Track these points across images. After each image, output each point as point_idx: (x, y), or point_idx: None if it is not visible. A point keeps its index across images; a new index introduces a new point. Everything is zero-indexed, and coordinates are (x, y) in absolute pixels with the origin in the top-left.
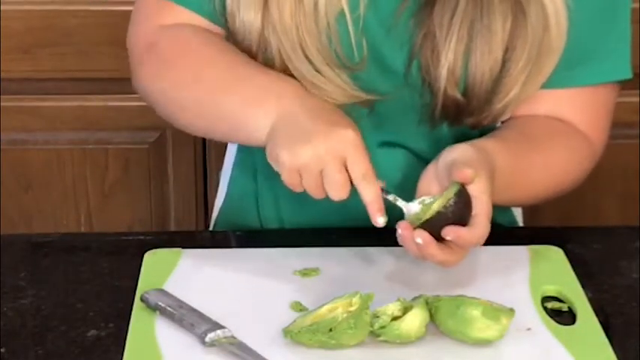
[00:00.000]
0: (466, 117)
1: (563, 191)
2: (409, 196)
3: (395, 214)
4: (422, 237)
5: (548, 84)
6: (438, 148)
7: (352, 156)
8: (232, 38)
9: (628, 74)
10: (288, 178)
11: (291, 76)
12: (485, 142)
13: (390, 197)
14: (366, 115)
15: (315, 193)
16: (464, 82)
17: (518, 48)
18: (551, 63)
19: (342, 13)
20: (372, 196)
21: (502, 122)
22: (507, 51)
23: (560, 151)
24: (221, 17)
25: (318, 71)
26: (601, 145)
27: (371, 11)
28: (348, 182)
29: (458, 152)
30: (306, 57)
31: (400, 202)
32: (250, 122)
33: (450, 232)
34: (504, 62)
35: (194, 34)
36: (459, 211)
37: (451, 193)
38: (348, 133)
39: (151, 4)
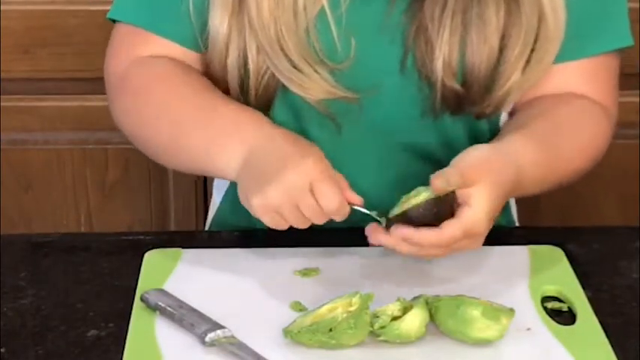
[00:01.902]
0: (467, 106)
1: (593, 164)
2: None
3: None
4: (373, 238)
5: (557, 58)
6: (447, 139)
7: (317, 186)
8: (207, 56)
9: (629, 41)
10: (269, 221)
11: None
12: (511, 140)
13: (373, 214)
14: (358, 113)
15: (302, 225)
16: (462, 72)
17: (514, 35)
18: (552, 52)
19: (324, 11)
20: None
21: (516, 109)
22: (503, 39)
23: (585, 125)
24: (199, 39)
25: (295, 67)
26: (615, 112)
27: (357, 10)
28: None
29: (468, 155)
30: (284, 53)
31: (383, 219)
32: (217, 164)
33: (397, 231)
34: (500, 50)
35: (160, 68)
36: (428, 216)
37: (424, 196)
38: (310, 162)
39: (125, 34)
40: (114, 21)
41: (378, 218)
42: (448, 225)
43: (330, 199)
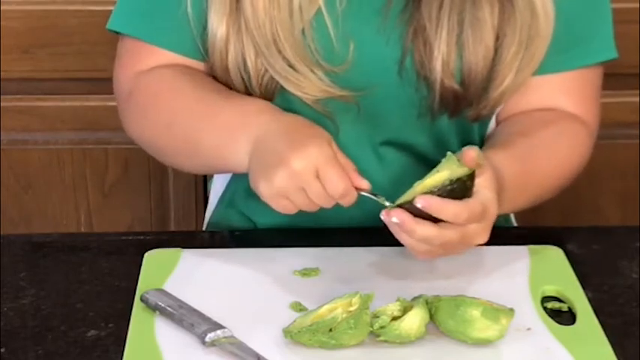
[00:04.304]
0: (465, 107)
1: (570, 179)
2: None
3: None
4: (396, 215)
5: (540, 70)
6: (439, 142)
7: (323, 172)
8: (209, 60)
9: (614, 54)
10: (277, 206)
11: (268, 79)
12: (490, 156)
13: (380, 199)
14: (356, 113)
15: (310, 209)
16: (459, 72)
17: (509, 35)
18: (542, 49)
19: (321, 12)
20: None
21: (498, 123)
22: (498, 38)
23: (562, 141)
24: (201, 48)
25: (292, 67)
26: (596, 126)
27: (355, 11)
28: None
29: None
30: (280, 53)
31: (388, 203)
32: (229, 160)
33: (420, 199)
34: (496, 50)
35: (167, 76)
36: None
37: (444, 176)
38: (316, 147)
39: (130, 47)
40: (118, 33)
41: (386, 203)
42: (468, 200)
43: (336, 184)
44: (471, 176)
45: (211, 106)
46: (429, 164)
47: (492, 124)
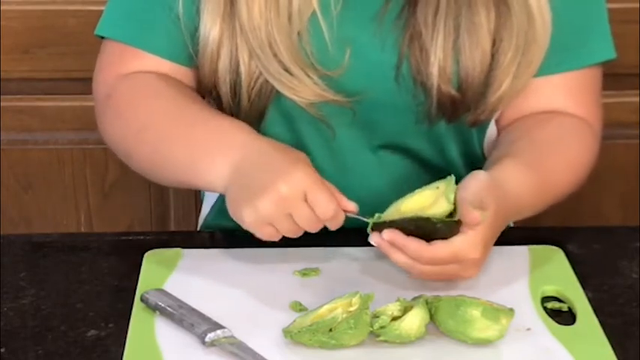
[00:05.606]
0: (463, 112)
1: (582, 180)
2: None
3: None
4: (373, 239)
5: (540, 72)
6: (438, 147)
7: (312, 195)
8: (198, 61)
9: (612, 54)
10: (260, 233)
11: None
12: (505, 169)
13: (368, 219)
14: (351, 117)
15: (295, 234)
16: (457, 77)
17: (505, 40)
18: (539, 54)
19: (316, 16)
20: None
21: (498, 127)
22: (495, 43)
23: (572, 145)
24: (191, 50)
25: (286, 70)
26: (599, 127)
27: (350, 15)
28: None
29: (474, 180)
30: (275, 56)
31: (371, 219)
32: (204, 178)
33: (387, 233)
34: (493, 55)
35: (147, 83)
36: (422, 230)
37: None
38: (301, 171)
39: (113, 50)
40: (102, 37)
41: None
42: (438, 244)
43: (326, 206)
44: (449, 221)
45: (187, 122)
46: (428, 167)
47: (492, 128)
